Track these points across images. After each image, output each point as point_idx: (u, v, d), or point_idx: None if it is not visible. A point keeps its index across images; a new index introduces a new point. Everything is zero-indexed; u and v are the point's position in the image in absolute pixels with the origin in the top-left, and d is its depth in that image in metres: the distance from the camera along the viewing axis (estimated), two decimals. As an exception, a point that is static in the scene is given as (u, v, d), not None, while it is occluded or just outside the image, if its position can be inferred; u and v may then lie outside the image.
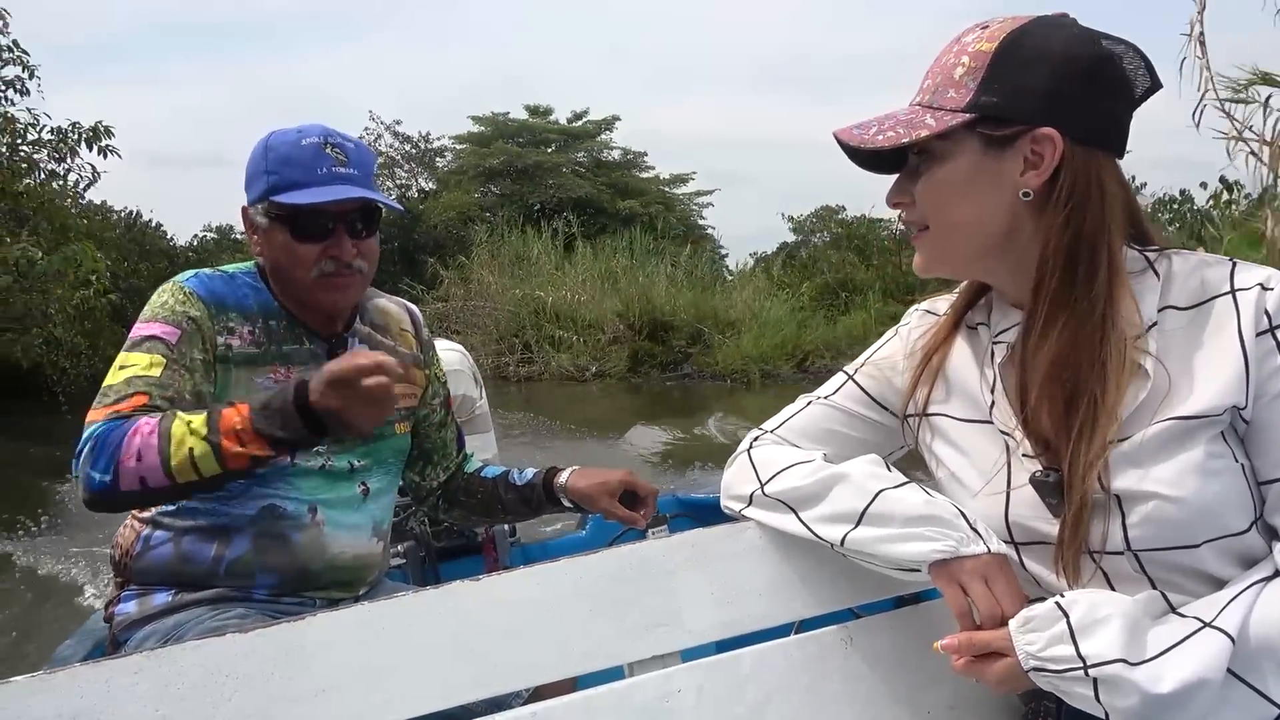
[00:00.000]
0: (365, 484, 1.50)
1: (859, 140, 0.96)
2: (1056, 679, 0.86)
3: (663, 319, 9.81)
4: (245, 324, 1.41)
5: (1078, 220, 0.91)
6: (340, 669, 0.93)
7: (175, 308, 1.36)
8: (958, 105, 0.92)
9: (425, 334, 1.67)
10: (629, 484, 1.56)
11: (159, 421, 1.23)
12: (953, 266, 1.02)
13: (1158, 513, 0.87)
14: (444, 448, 1.69)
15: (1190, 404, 0.87)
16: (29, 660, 3.71)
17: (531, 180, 21.27)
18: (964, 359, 1.05)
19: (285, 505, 1.41)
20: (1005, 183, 0.93)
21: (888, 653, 1.11)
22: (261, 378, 1.40)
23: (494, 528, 2.17)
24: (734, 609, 1.07)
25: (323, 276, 1.40)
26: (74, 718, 0.84)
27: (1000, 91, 0.90)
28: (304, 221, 1.38)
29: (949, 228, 0.96)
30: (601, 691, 1.02)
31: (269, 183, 1.38)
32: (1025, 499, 0.96)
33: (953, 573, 0.93)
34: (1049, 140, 0.90)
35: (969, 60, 0.92)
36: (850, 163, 1.02)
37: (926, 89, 0.96)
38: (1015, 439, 0.97)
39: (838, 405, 1.14)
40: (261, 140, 1.43)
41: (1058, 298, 0.92)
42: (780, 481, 1.07)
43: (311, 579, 1.43)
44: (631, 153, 23.55)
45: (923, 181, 0.96)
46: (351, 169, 1.40)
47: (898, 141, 0.93)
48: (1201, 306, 0.90)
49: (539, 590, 1.02)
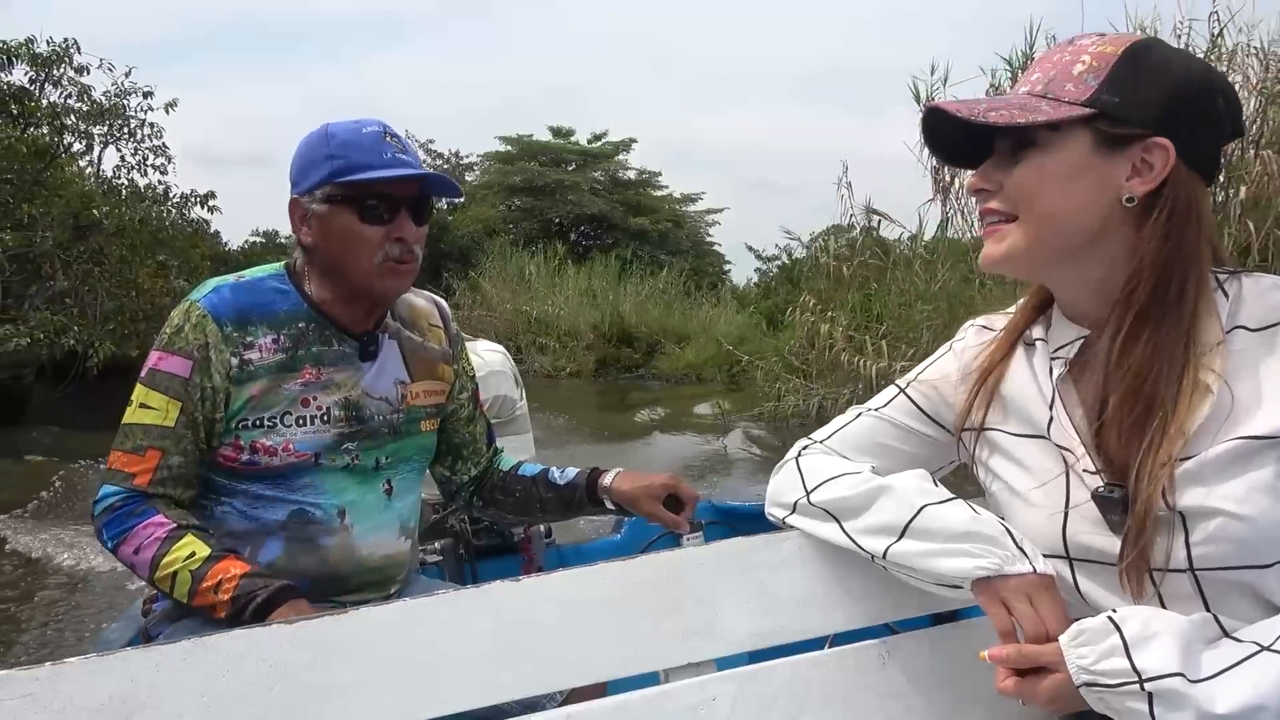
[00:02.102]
0: (390, 482, 1.50)
1: (968, 113, 0.93)
2: (1109, 694, 0.84)
3: (629, 330, 12.37)
4: (270, 333, 1.40)
5: (1178, 237, 0.90)
6: (381, 664, 0.94)
7: (189, 335, 1.36)
8: (1077, 98, 0.91)
9: (454, 329, 1.66)
10: (672, 487, 1.56)
11: (170, 531, 1.30)
12: (1029, 263, 0.98)
13: (1223, 531, 0.85)
14: (473, 443, 1.68)
15: (1258, 424, 0.86)
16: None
17: (551, 197, 23.16)
18: (1022, 375, 1.04)
19: (315, 510, 1.42)
20: (1109, 185, 0.92)
21: (925, 669, 1.10)
22: (290, 384, 1.40)
23: (531, 529, 2.18)
24: (770, 619, 1.07)
25: (387, 261, 1.39)
26: (124, 700, 0.86)
27: (1123, 93, 0.90)
28: (371, 203, 1.38)
29: (1041, 219, 0.94)
30: (635, 697, 1.03)
31: (333, 166, 1.37)
32: (1084, 515, 0.94)
33: (996, 591, 0.92)
34: (1163, 150, 0.89)
35: (1090, 60, 0.92)
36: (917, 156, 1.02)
37: (1037, 81, 0.95)
38: (1075, 455, 0.96)
39: (888, 418, 1.13)
40: (318, 130, 1.42)
41: (1144, 311, 0.91)
42: (826, 491, 1.07)
43: (343, 582, 1.44)
44: (646, 172, 25.54)
45: (1022, 168, 0.94)
46: (409, 158, 1.41)
47: (1012, 121, 0.91)
48: (1272, 329, 0.90)
49: (576, 593, 1.03)
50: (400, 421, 1.50)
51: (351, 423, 1.44)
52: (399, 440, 1.51)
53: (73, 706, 0.85)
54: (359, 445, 1.45)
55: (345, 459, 1.44)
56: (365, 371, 1.47)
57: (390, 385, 1.50)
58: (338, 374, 1.44)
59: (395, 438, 1.50)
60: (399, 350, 1.53)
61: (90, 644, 3.01)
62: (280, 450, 1.39)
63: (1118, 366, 0.93)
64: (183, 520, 1.32)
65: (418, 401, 1.53)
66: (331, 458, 1.43)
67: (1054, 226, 0.94)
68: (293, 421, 1.40)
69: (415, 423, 1.53)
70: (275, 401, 1.39)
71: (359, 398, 1.45)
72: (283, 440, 1.39)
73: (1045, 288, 1.05)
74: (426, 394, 1.55)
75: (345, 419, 1.44)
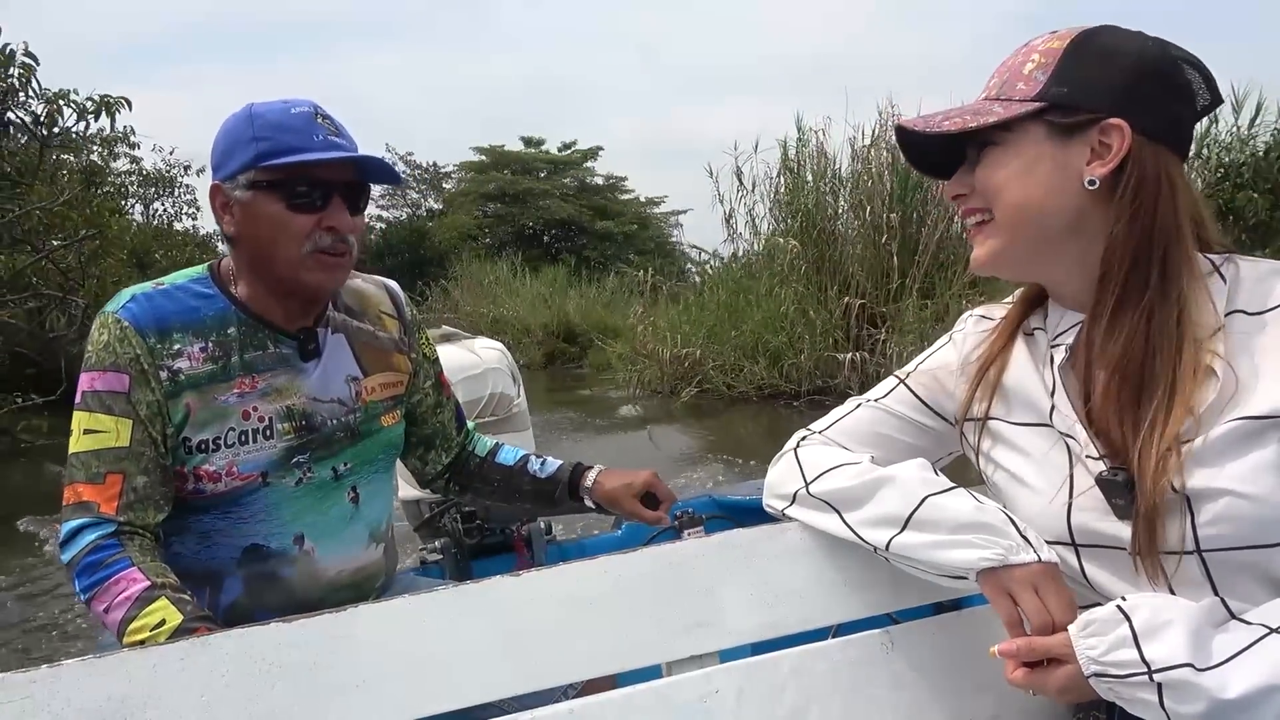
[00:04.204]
0: (355, 489, 1.40)
1: (924, 127, 0.97)
2: (1119, 684, 0.83)
3: (573, 328, 13.98)
4: (196, 341, 1.28)
5: (1147, 214, 0.91)
6: (382, 661, 0.94)
7: (117, 349, 1.24)
8: (1026, 95, 0.93)
9: (409, 314, 1.54)
10: (651, 485, 1.54)
11: (143, 591, 1.16)
12: (1014, 260, 0.99)
13: (1230, 510, 0.85)
14: (443, 430, 1.60)
15: (1261, 404, 0.86)
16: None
17: (523, 204, 25.13)
18: (1023, 364, 1.03)
19: (269, 543, 1.32)
20: (1070, 170, 0.92)
21: (929, 659, 1.09)
22: (224, 395, 1.28)
23: (529, 526, 2.17)
24: (773, 611, 1.06)
25: (316, 252, 1.27)
26: (122, 700, 0.86)
27: (1071, 83, 0.92)
28: (301, 189, 1.26)
29: (1011, 210, 0.95)
30: (640, 690, 1.02)
31: (258, 149, 1.24)
32: (1089, 501, 0.94)
33: (1001, 581, 0.92)
34: (1117, 130, 0.90)
35: (1039, 57, 0.94)
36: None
37: (993, 86, 0.97)
38: (1079, 441, 0.95)
39: (888, 409, 1.13)
40: (241, 110, 1.29)
41: (1126, 294, 0.92)
42: (826, 481, 1.06)
43: (313, 606, 1.31)
44: (613, 178, 27.70)
45: (984, 167, 0.97)
46: (343, 140, 1.29)
47: (965, 127, 0.94)
48: (1271, 312, 0.90)
49: (579, 588, 1.02)
50: (358, 421, 1.40)
51: (300, 433, 1.33)
52: (358, 443, 1.40)
53: (71, 708, 0.84)
54: (310, 457, 1.34)
55: (296, 474, 1.33)
56: (309, 373, 1.35)
57: (341, 384, 1.39)
58: (276, 379, 1.32)
59: (353, 440, 1.39)
60: (347, 344, 1.42)
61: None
62: (224, 474, 1.28)
63: (1102, 350, 0.94)
64: (158, 578, 1.19)
65: (374, 396, 1.43)
66: (280, 475, 1.32)
67: (1026, 216, 0.95)
68: (235, 439, 1.29)
69: (375, 419, 1.43)
70: (213, 417, 1.28)
71: (305, 404, 1.34)
72: (225, 463, 1.28)
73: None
74: (383, 387, 1.45)
75: (293, 430, 1.33)
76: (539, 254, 22.86)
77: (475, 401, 2.33)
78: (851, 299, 8.66)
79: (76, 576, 1.20)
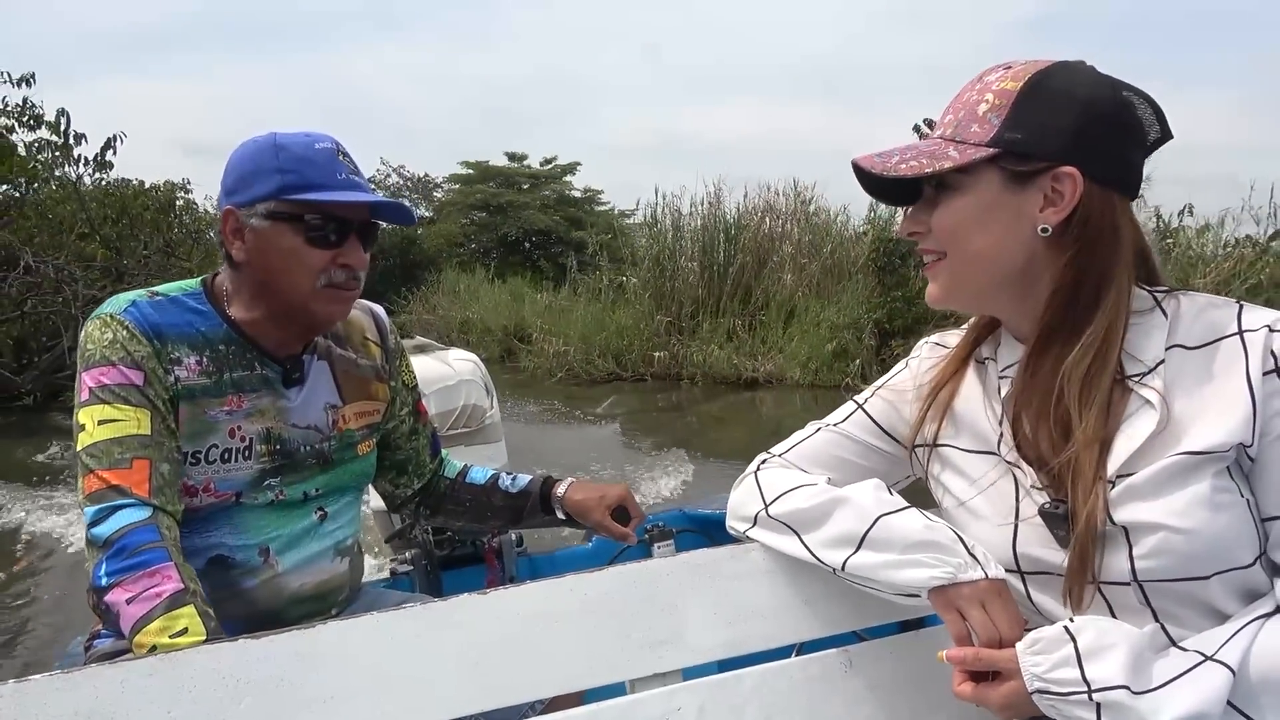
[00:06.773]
0: (323, 509, 1.41)
1: (881, 168, 0.97)
2: (1060, 702, 0.86)
3: (526, 328, 15.57)
4: (192, 353, 1.29)
5: (1086, 256, 0.93)
6: (350, 677, 0.95)
7: (127, 346, 1.24)
8: (981, 140, 0.94)
9: (392, 341, 1.56)
10: (624, 499, 1.56)
11: (175, 593, 1.13)
12: (967, 297, 1.03)
13: (1165, 544, 0.88)
14: (417, 457, 1.62)
15: (1198, 440, 0.88)
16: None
17: (505, 214, 26.89)
18: (973, 392, 1.06)
19: (233, 555, 1.31)
20: (1024, 218, 0.94)
21: (889, 677, 1.12)
22: (214, 410, 1.29)
23: (500, 538, 2.18)
24: (736, 629, 1.08)
25: (329, 286, 1.31)
26: (89, 715, 0.86)
27: (1024, 128, 0.92)
28: (320, 224, 1.29)
29: (967, 257, 0.98)
30: (604, 707, 1.04)
31: (283, 181, 1.27)
32: (1033, 530, 0.97)
33: (951, 599, 0.95)
34: (1070, 178, 0.92)
35: (993, 98, 0.94)
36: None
37: (949, 123, 0.98)
38: (1024, 471, 0.98)
39: (846, 433, 1.15)
40: (264, 138, 1.31)
41: (1054, 328, 0.95)
42: (784, 503, 1.09)
43: (275, 619, 1.32)
44: (590, 190, 29.81)
45: (940, 211, 0.98)
46: (361, 180, 1.33)
47: (920, 172, 0.95)
48: (1209, 346, 0.92)
49: (545, 604, 1.03)
50: (332, 449, 1.41)
51: (275, 457, 1.34)
52: (330, 470, 1.41)
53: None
54: (282, 480, 1.35)
55: (269, 495, 1.34)
56: (290, 399, 1.37)
57: (319, 411, 1.40)
58: (260, 400, 1.34)
59: (326, 468, 1.40)
60: (330, 371, 1.44)
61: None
62: (201, 490, 1.28)
63: (1027, 386, 0.97)
64: (190, 582, 1.17)
65: (350, 425, 1.44)
66: (254, 495, 1.33)
67: (979, 264, 0.98)
68: (217, 456, 1.29)
69: (350, 448, 1.44)
70: (201, 430, 1.28)
71: (282, 429, 1.35)
72: (204, 478, 1.29)
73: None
74: (359, 416, 1.46)
75: (268, 453, 1.34)
76: (519, 260, 24.86)
77: (449, 413, 2.34)
78: (661, 317, 12.73)
79: (107, 557, 1.16)
